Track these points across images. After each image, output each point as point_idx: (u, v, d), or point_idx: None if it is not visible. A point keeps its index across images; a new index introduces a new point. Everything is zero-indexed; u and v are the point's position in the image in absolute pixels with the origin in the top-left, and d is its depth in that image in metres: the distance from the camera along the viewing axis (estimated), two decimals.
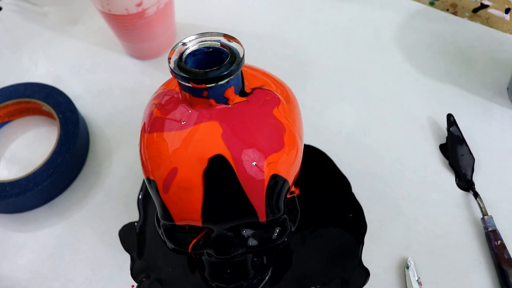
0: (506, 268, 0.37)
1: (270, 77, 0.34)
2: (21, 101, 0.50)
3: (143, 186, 0.45)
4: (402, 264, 0.39)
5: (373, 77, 0.53)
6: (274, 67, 0.54)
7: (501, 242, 0.39)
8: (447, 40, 0.55)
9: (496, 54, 0.53)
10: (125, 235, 0.43)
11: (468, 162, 0.44)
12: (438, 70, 0.53)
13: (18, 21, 0.63)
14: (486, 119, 0.48)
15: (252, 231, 0.32)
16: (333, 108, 0.50)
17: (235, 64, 0.27)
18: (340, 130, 0.48)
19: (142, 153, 0.31)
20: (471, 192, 0.43)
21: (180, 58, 0.29)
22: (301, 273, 0.39)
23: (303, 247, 0.41)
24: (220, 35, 0.30)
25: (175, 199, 0.29)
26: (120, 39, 0.54)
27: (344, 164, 0.45)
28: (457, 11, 0.60)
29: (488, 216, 0.40)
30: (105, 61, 0.57)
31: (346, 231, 0.41)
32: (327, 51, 0.56)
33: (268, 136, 0.29)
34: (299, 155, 0.32)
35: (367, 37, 0.57)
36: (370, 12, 0.59)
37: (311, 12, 0.60)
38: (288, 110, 0.32)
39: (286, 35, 0.58)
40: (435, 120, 0.48)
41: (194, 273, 0.39)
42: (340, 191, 0.44)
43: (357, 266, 0.39)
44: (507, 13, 0.59)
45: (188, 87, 0.28)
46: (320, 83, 0.53)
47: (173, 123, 0.29)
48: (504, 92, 0.50)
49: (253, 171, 0.28)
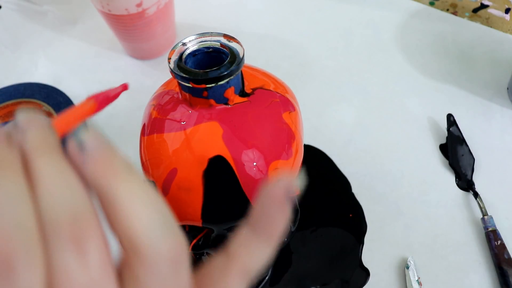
0: (506, 268, 0.37)
1: (270, 77, 0.34)
2: (21, 101, 0.50)
3: None
4: (402, 264, 0.39)
5: (373, 77, 0.53)
6: (274, 67, 0.54)
7: (501, 242, 0.39)
8: (447, 40, 0.55)
9: (496, 54, 0.53)
10: None
11: (468, 162, 0.44)
12: (438, 70, 0.53)
13: (17, 19, 0.63)
14: (486, 119, 0.48)
15: None
16: (333, 108, 0.50)
17: (235, 64, 0.27)
18: (340, 130, 0.48)
19: (142, 154, 0.31)
20: (471, 192, 0.43)
21: (180, 58, 0.29)
22: (301, 273, 0.39)
23: (303, 247, 0.41)
24: (220, 35, 0.30)
25: (175, 199, 0.29)
26: (120, 39, 0.54)
27: (344, 164, 0.45)
28: (457, 11, 0.60)
29: (488, 216, 0.40)
30: (105, 61, 0.57)
31: (346, 231, 0.41)
32: (327, 51, 0.56)
33: (274, 140, 0.29)
34: (301, 159, 0.32)
35: (367, 37, 0.57)
36: (370, 12, 0.59)
37: (311, 12, 0.60)
38: (295, 114, 0.32)
39: (286, 35, 0.58)
40: (435, 120, 0.48)
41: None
42: (340, 191, 0.44)
43: (357, 266, 0.39)
44: (507, 13, 0.59)
45: (188, 87, 0.28)
46: (320, 83, 0.52)
47: (173, 123, 0.29)
48: (504, 92, 0.50)
49: (254, 172, 0.28)
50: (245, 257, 0.16)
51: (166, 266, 0.14)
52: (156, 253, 0.14)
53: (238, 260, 0.16)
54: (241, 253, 0.17)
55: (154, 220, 0.14)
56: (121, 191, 0.14)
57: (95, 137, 0.15)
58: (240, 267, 0.16)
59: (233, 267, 0.16)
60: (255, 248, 0.16)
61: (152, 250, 0.14)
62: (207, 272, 0.17)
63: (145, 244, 0.14)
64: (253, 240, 0.17)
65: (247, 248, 0.17)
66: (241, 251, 0.17)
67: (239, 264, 0.16)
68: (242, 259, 0.16)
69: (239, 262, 0.16)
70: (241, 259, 0.16)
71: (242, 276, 0.16)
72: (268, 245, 0.17)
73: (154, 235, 0.14)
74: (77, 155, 0.15)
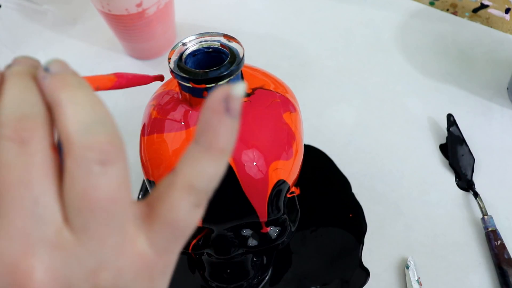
0: (506, 268, 0.37)
1: (270, 77, 0.34)
2: None
3: (143, 186, 0.45)
4: (402, 264, 0.39)
5: (373, 77, 0.53)
6: (274, 67, 0.54)
7: (501, 242, 0.39)
8: (447, 40, 0.55)
9: (496, 54, 0.53)
10: None
11: (468, 162, 0.44)
12: (438, 70, 0.53)
13: (17, 19, 0.63)
14: (486, 119, 0.48)
15: (252, 231, 0.32)
16: (333, 108, 0.50)
17: (235, 64, 0.27)
18: (340, 130, 0.48)
19: (143, 155, 0.31)
20: (471, 192, 0.43)
21: (180, 58, 0.29)
22: (301, 273, 0.39)
23: (303, 247, 0.41)
24: (220, 35, 0.30)
25: None
26: (120, 39, 0.54)
27: (344, 164, 0.45)
28: (457, 11, 0.60)
29: (488, 216, 0.40)
30: (105, 61, 0.57)
31: (346, 231, 0.41)
32: (327, 51, 0.56)
33: (274, 140, 0.29)
34: (300, 159, 0.32)
35: (367, 37, 0.57)
36: (370, 12, 0.59)
37: (311, 12, 0.60)
38: (295, 115, 0.32)
39: (286, 35, 0.58)
40: (435, 120, 0.48)
41: (194, 273, 0.39)
42: (340, 191, 0.44)
43: (357, 266, 0.39)
44: (507, 13, 0.59)
45: (188, 87, 0.28)
46: (320, 83, 0.52)
47: (173, 123, 0.29)
48: (504, 92, 0.50)
49: (254, 172, 0.28)
50: (189, 171, 0.16)
51: (92, 161, 0.15)
52: (82, 146, 0.15)
53: (182, 174, 0.16)
54: (185, 167, 0.16)
55: (86, 119, 0.15)
56: (63, 97, 0.16)
57: (60, 64, 0.17)
58: (184, 181, 0.16)
59: (177, 181, 0.16)
60: (199, 162, 0.16)
61: (79, 143, 0.15)
62: (156, 189, 0.17)
63: (73, 138, 0.15)
64: (197, 155, 0.16)
65: (191, 162, 0.16)
66: (185, 164, 0.16)
67: (183, 178, 0.16)
68: (186, 173, 0.16)
69: (182, 176, 0.16)
70: (185, 173, 0.16)
71: (186, 191, 0.16)
72: (213, 159, 0.16)
73: (83, 130, 0.15)
74: (41, 76, 0.16)
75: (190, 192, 0.16)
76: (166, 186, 0.17)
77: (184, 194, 0.16)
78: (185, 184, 0.16)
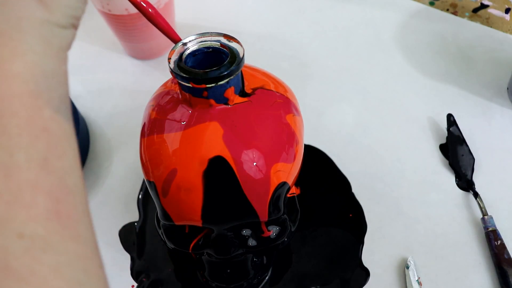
0: (506, 268, 0.37)
1: (270, 77, 0.34)
2: None
3: (143, 186, 0.45)
4: (402, 264, 0.39)
5: (373, 77, 0.53)
6: (274, 67, 0.54)
7: (501, 242, 0.39)
8: (447, 40, 0.55)
9: (496, 54, 0.53)
10: (125, 235, 0.43)
11: (468, 162, 0.44)
12: (438, 70, 0.53)
13: None
14: (486, 119, 0.48)
15: (252, 231, 0.32)
16: (333, 108, 0.50)
17: (235, 64, 0.27)
18: (340, 130, 0.48)
19: (143, 155, 0.31)
20: (471, 192, 0.43)
21: (180, 58, 0.29)
22: (301, 273, 0.39)
23: (303, 247, 0.41)
24: (220, 35, 0.30)
25: (175, 199, 0.29)
26: (120, 39, 0.54)
27: (344, 164, 0.45)
28: (457, 11, 0.60)
29: (488, 216, 0.40)
30: (105, 61, 0.57)
31: (346, 231, 0.41)
32: (327, 51, 0.56)
33: (276, 141, 0.29)
34: (300, 159, 0.32)
35: (367, 37, 0.57)
36: (370, 12, 0.59)
37: (311, 12, 0.60)
38: (299, 118, 0.32)
39: (286, 35, 0.58)
40: (435, 120, 0.48)
41: (194, 273, 0.39)
42: (340, 191, 0.44)
43: (357, 266, 0.39)
44: (507, 13, 0.59)
45: (188, 87, 0.28)
46: (320, 83, 0.52)
47: (173, 123, 0.29)
48: (504, 92, 0.50)
49: (254, 172, 0.28)
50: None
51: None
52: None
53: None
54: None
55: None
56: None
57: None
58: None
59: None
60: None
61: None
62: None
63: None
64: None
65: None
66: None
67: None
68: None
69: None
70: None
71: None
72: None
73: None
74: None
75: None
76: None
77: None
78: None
